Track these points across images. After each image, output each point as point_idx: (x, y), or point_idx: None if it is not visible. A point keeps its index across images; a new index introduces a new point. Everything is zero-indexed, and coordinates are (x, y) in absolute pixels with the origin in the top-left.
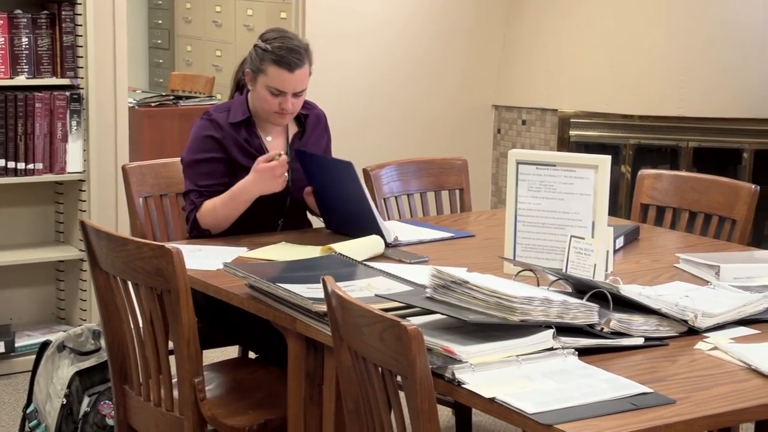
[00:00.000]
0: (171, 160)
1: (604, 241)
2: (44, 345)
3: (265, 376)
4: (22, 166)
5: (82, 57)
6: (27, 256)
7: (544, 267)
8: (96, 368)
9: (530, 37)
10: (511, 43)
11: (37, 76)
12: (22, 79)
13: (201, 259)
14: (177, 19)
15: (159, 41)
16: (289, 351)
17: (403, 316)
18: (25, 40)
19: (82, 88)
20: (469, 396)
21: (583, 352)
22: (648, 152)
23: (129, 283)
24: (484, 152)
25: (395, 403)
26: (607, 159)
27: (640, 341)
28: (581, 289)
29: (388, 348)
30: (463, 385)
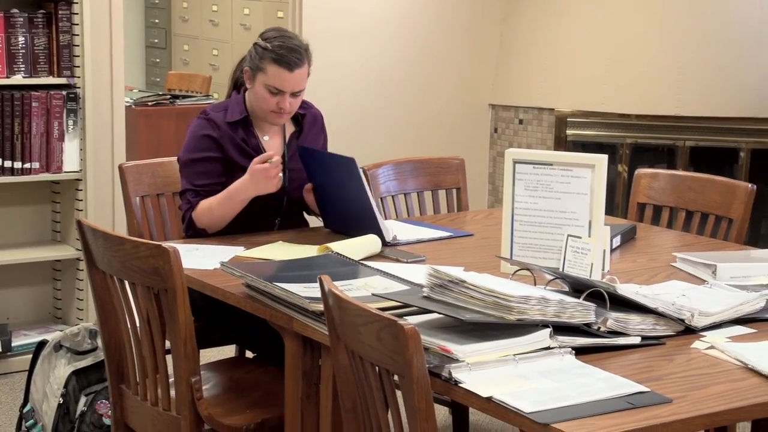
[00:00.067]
0: (168, 159)
1: (601, 241)
2: (41, 344)
3: (262, 376)
4: (18, 165)
5: (78, 56)
6: (24, 256)
7: (541, 266)
8: (93, 368)
9: (527, 36)
10: (508, 42)
11: (33, 76)
12: (19, 79)
13: (198, 259)
14: (174, 18)
15: (156, 40)
16: (286, 350)
17: (400, 316)
18: (21, 39)
19: (79, 87)
20: (466, 395)
21: (580, 351)
22: (645, 151)
23: (126, 282)
24: (481, 151)
25: (392, 403)
26: (603, 158)
27: (637, 340)
28: (578, 288)
29: (385, 347)
30: (460, 384)
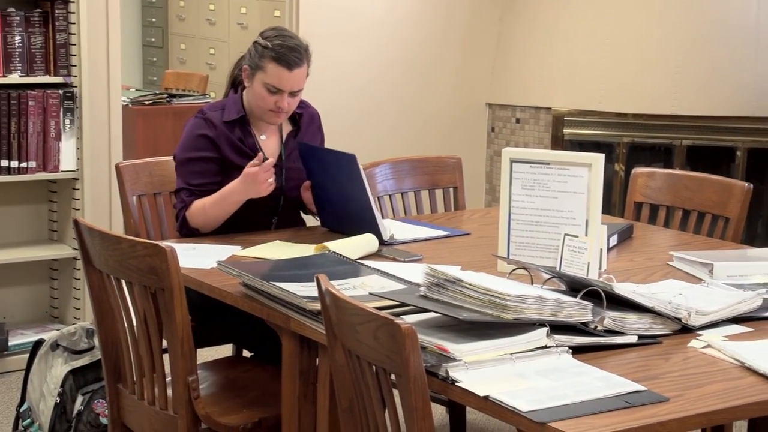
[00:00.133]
0: (165, 158)
1: (598, 240)
2: (38, 344)
3: (259, 375)
4: (15, 164)
5: (75, 55)
6: (20, 255)
7: (538, 265)
8: (90, 367)
9: (524, 35)
10: (505, 41)
11: (30, 75)
12: (15, 78)
13: (195, 258)
14: (171, 17)
15: (153, 39)
16: (283, 349)
17: (397, 315)
18: (18, 38)
19: (76, 87)
20: (463, 394)
21: (577, 350)
22: (642, 150)
23: (123, 281)
24: (478, 150)
25: (389, 402)
26: (600, 157)
27: (634, 339)
28: (575, 287)
29: (382, 346)
30: (456, 384)
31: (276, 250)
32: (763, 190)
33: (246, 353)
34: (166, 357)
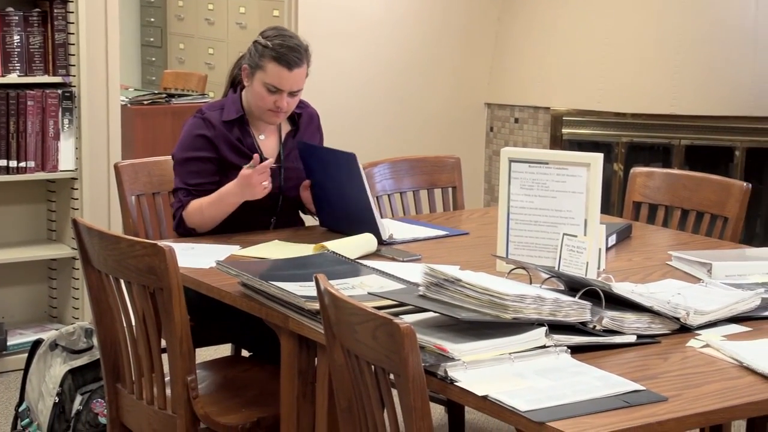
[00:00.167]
0: (163, 158)
1: (597, 239)
2: (36, 343)
3: (257, 374)
4: (14, 164)
5: (74, 55)
6: (19, 255)
7: (537, 265)
8: (88, 366)
9: (523, 35)
10: (504, 41)
11: (29, 74)
12: (14, 77)
13: (193, 258)
14: (169, 17)
15: (151, 39)
16: (282, 349)
17: (396, 314)
18: (17, 37)
19: (74, 86)
20: (462, 394)
21: (576, 350)
22: (640, 150)
23: (121, 281)
24: (477, 150)
25: (388, 401)
26: (599, 157)
27: (633, 339)
28: (574, 286)
29: (380, 346)
30: (455, 383)
31: (275, 249)
32: (762, 190)
33: (245, 353)
34: (165, 357)
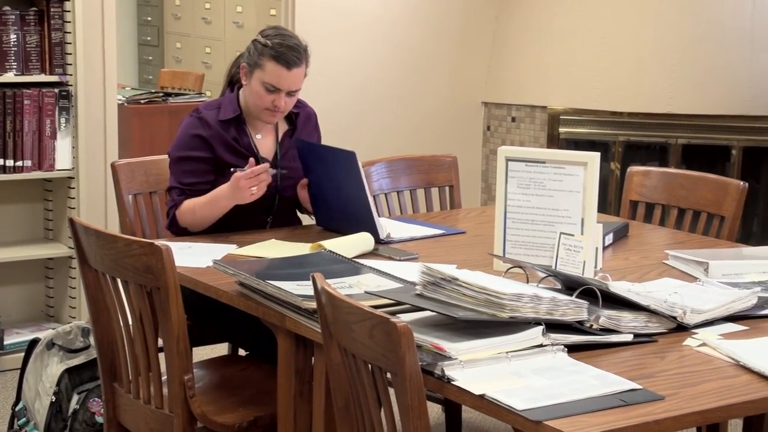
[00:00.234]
0: (160, 157)
1: (594, 238)
2: (33, 342)
3: (254, 373)
4: (10, 163)
5: (70, 54)
6: (16, 254)
7: (534, 264)
8: (85, 366)
9: (520, 34)
10: (501, 40)
11: (25, 73)
12: (11, 76)
13: (190, 257)
14: (166, 16)
15: (148, 38)
16: (279, 348)
17: (393, 313)
18: (13, 36)
19: (71, 85)
20: (459, 393)
21: (573, 349)
22: (637, 149)
23: (118, 280)
24: (474, 149)
25: (385, 400)
26: (596, 156)
27: (629, 338)
28: (570, 285)
29: (377, 345)
30: (452, 382)
31: (272, 248)
32: (758, 189)
33: (242, 352)
34: (162, 356)
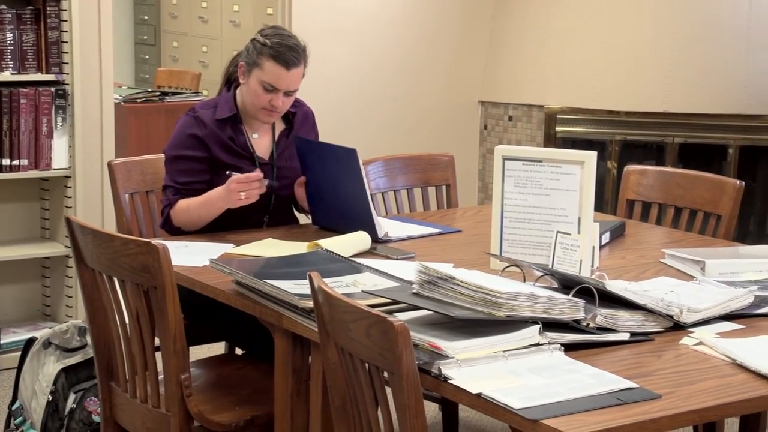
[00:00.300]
0: (157, 156)
1: (590, 237)
2: (30, 342)
3: (251, 373)
4: (7, 162)
5: (67, 53)
6: (12, 253)
7: (531, 263)
8: (82, 365)
9: (517, 33)
10: (498, 39)
11: (22, 72)
12: (7, 75)
13: (187, 256)
14: (163, 15)
15: (145, 37)
16: (276, 347)
17: (390, 312)
18: (9, 35)
19: (68, 84)
20: (456, 391)
21: (569, 348)
22: (634, 148)
23: (115, 279)
24: (471, 148)
25: (382, 399)
26: (593, 155)
27: (626, 336)
28: (567, 284)
29: (374, 344)
30: (449, 381)
31: (268, 248)
32: (755, 188)
33: (238, 351)
34: (159, 355)
